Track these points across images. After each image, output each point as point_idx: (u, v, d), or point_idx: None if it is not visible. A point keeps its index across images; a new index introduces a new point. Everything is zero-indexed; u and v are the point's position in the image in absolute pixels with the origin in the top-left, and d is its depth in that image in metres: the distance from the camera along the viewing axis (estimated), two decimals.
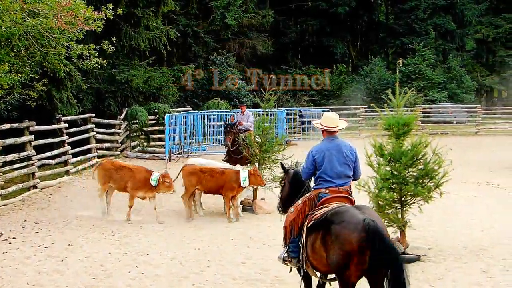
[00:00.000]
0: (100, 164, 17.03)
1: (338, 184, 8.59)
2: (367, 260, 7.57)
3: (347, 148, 8.78)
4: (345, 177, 8.68)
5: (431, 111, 45.23)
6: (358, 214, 7.83)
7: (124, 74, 30.54)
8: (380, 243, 7.53)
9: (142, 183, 16.14)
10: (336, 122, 8.88)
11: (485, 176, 23.12)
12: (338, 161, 8.63)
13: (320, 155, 8.69)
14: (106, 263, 12.17)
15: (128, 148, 30.08)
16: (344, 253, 7.60)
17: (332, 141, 8.82)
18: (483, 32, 58.29)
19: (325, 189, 8.59)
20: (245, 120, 20.23)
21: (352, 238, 7.56)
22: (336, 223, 7.81)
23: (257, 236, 14.41)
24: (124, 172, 16.45)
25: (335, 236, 7.73)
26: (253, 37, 49.29)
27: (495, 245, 13.20)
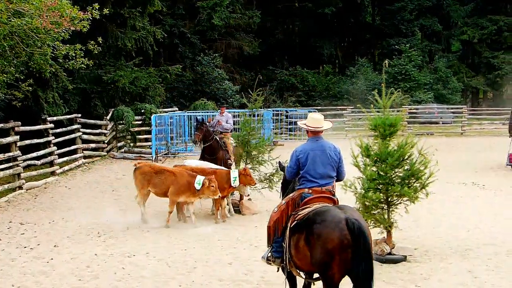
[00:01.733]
0: (138, 168, 16.30)
1: (321, 184, 8.59)
2: (350, 259, 7.63)
3: (331, 148, 8.79)
4: (328, 177, 8.69)
5: (417, 112, 45.43)
6: (340, 213, 7.85)
7: (111, 75, 30.48)
8: (362, 245, 7.61)
9: (185, 187, 15.48)
10: (320, 123, 8.87)
11: (470, 176, 23.21)
12: (321, 161, 8.63)
13: (304, 155, 8.69)
14: (92, 264, 12.11)
15: (114, 148, 30.00)
16: (326, 252, 7.65)
17: (317, 141, 8.81)
18: (468, 33, 58.57)
19: (308, 189, 8.59)
20: (224, 122, 20.03)
21: (333, 236, 7.62)
22: (318, 223, 7.86)
23: (243, 237, 14.39)
24: (165, 175, 15.80)
25: (317, 235, 7.77)
26: (240, 37, 49.35)
27: (481, 245, 13.25)
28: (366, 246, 7.65)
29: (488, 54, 58.25)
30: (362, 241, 7.60)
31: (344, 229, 7.60)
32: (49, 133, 23.21)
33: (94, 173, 24.60)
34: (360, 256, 7.60)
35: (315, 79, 54.64)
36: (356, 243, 7.58)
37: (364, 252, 7.62)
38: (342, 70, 58.30)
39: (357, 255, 7.60)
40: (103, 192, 20.74)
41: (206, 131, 18.68)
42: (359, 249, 7.59)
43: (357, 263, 7.63)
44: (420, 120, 44.85)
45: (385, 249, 12.19)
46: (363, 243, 7.61)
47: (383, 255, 12.12)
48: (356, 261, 7.62)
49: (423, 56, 56.88)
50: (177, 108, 36.49)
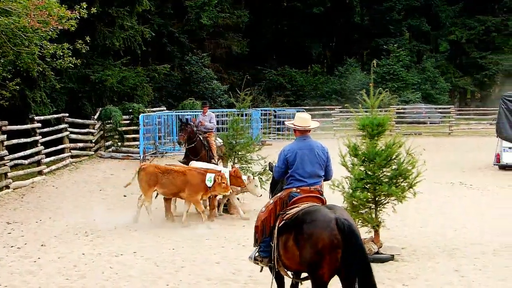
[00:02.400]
0: (142, 169, 15.97)
1: (309, 183, 8.58)
2: (339, 259, 7.60)
3: (319, 148, 8.78)
4: (317, 176, 8.68)
5: (405, 111, 45.57)
6: (330, 213, 7.82)
7: (99, 74, 30.40)
8: (354, 244, 7.61)
9: (198, 186, 15.36)
10: (308, 122, 8.87)
11: (458, 176, 23.29)
12: (309, 160, 8.61)
13: (292, 154, 8.66)
14: (79, 263, 12.07)
15: (102, 148, 29.92)
16: (316, 252, 7.61)
17: (304, 140, 8.80)
18: (456, 33, 58.76)
19: (296, 189, 8.56)
20: (207, 121, 19.98)
21: (324, 236, 7.58)
22: (307, 222, 7.83)
23: (231, 237, 14.39)
24: (174, 175, 15.60)
25: (307, 235, 7.74)
26: (228, 37, 49.33)
27: (468, 244, 13.30)
28: (358, 245, 7.66)
29: (476, 55, 58.46)
30: (354, 241, 7.59)
31: (334, 229, 7.58)
32: (36, 132, 23.11)
33: (82, 172, 24.53)
34: (352, 256, 7.58)
35: (303, 78, 54.69)
36: (346, 243, 7.56)
37: (358, 252, 7.62)
38: (330, 70, 58.35)
39: (348, 255, 7.58)
40: (90, 191, 20.69)
41: (190, 131, 18.66)
42: (350, 249, 7.56)
43: (349, 263, 7.62)
44: (408, 120, 44.98)
45: (373, 248, 12.22)
46: (355, 243, 7.61)
47: (370, 254, 12.12)
48: (347, 261, 7.60)
49: (411, 56, 57.05)
50: (165, 107, 36.41)
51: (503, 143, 24.77)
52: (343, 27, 60.38)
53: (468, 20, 58.84)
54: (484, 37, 58.80)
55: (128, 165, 26.33)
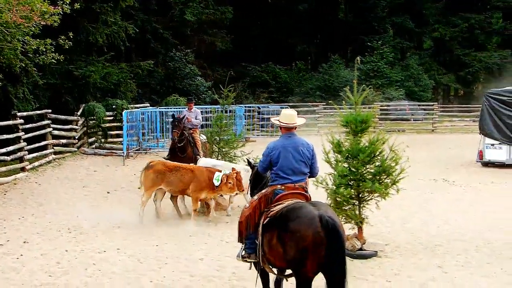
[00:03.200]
0: (150, 167, 15.68)
1: (293, 180, 8.64)
2: (323, 256, 7.65)
3: (304, 145, 8.83)
4: (301, 173, 8.74)
5: (388, 108, 45.69)
6: (314, 210, 7.86)
7: (82, 70, 30.23)
8: (336, 243, 7.69)
9: (205, 183, 15.20)
10: (293, 119, 8.92)
11: (441, 173, 23.39)
12: (294, 158, 8.66)
13: (275, 151, 8.74)
14: (62, 260, 12.03)
15: (85, 144, 29.77)
16: (300, 249, 7.67)
17: (289, 137, 8.86)
18: (440, 31, 58.96)
19: (280, 186, 8.63)
20: (193, 118, 19.93)
21: (308, 234, 7.63)
22: (291, 220, 7.87)
23: (215, 233, 14.38)
24: (182, 173, 15.43)
25: (291, 232, 7.78)
26: (212, 33, 49.25)
27: (451, 241, 13.37)
28: (340, 243, 7.74)
29: (459, 52, 58.70)
30: (336, 239, 7.66)
31: (318, 227, 7.63)
32: (19, 128, 22.95)
33: (65, 169, 24.41)
34: (334, 253, 7.66)
35: (287, 75, 54.75)
36: (330, 241, 7.63)
37: (338, 250, 7.70)
38: (314, 67, 58.42)
39: (331, 253, 7.65)
40: (73, 188, 20.60)
41: (182, 128, 18.65)
42: (333, 247, 7.64)
43: (332, 260, 7.69)
44: (391, 117, 45.12)
45: (356, 244, 12.26)
46: (337, 241, 7.67)
47: (354, 250, 12.17)
48: (331, 258, 7.67)
49: (395, 53, 57.19)
50: (149, 104, 36.27)
51: (486, 140, 24.91)
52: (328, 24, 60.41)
53: (452, 18, 59.05)
54: (468, 35, 59.04)
55: (112, 162, 26.25)
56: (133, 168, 24.63)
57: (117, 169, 24.62)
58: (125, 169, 24.52)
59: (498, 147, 24.69)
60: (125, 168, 24.87)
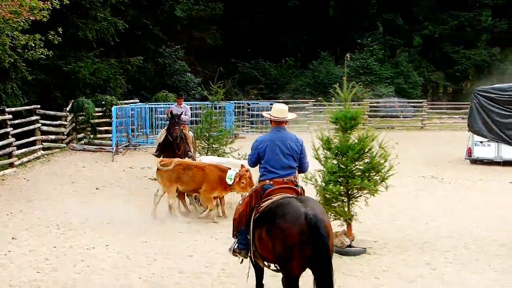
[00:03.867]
0: (162, 166, 15.50)
1: (281, 175, 8.70)
2: (309, 254, 7.71)
3: (293, 139, 8.91)
4: (289, 168, 8.79)
5: (378, 105, 45.77)
6: (300, 207, 7.91)
7: (71, 66, 30.14)
8: (322, 241, 7.71)
9: (217, 183, 14.94)
10: (284, 113, 9.01)
11: (430, 170, 23.45)
12: (281, 152, 8.73)
13: (263, 145, 8.84)
14: (51, 257, 11.98)
15: (74, 140, 29.69)
16: (286, 246, 7.75)
17: (278, 132, 8.96)
18: (430, 28, 59.03)
19: (269, 181, 8.70)
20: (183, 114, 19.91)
21: (293, 231, 7.70)
22: (278, 216, 7.95)
23: (204, 229, 14.37)
24: (193, 172, 15.20)
25: (278, 229, 7.87)
26: (202, 29, 49.14)
27: (439, 238, 13.42)
28: (324, 242, 7.73)
29: (448, 49, 58.77)
30: (321, 238, 7.69)
31: (304, 225, 7.68)
32: (7, 124, 22.85)
33: (54, 165, 24.34)
34: (319, 252, 7.70)
35: (277, 72, 54.73)
36: (315, 239, 7.67)
37: (323, 249, 7.72)
38: (304, 64, 58.31)
39: (317, 251, 7.70)
40: (62, 184, 20.53)
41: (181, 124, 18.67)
42: (318, 245, 7.69)
43: (318, 259, 7.74)
44: (380, 113, 45.20)
45: (345, 241, 12.28)
46: (322, 240, 7.70)
47: (343, 247, 12.20)
48: (317, 257, 7.72)
49: (385, 50, 57.19)
50: (138, 100, 36.17)
51: (474, 137, 24.99)
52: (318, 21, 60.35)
53: (441, 15, 59.12)
54: (457, 32, 59.14)
55: (101, 158, 26.20)
56: (122, 164, 24.62)
57: (106, 165, 24.56)
58: (114, 165, 24.47)
59: (486, 145, 24.78)
60: (114, 164, 24.82)
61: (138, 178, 21.68)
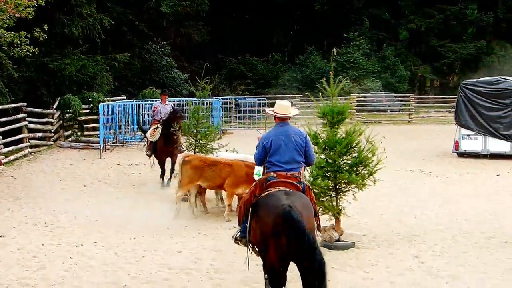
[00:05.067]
0: (188, 161, 15.35)
1: (286, 168, 8.78)
2: (285, 245, 7.83)
3: (297, 133, 9.04)
4: (294, 162, 8.87)
5: (365, 100, 45.82)
6: (283, 199, 8.06)
7: (57, 63, 30.01)
8: (294, 230, 7.77)
9: (243, 178, 14.74)
10: (288, 110, 9.21)
11: (417, 163, 23.52)
12: (286, 146, 8.84)
13: (268, 141, 8.92)
14: (39, 254, 11.95)
15: (61, 137, 29.60)
16: (263, 236, 8.05)
17: (282, 127, 9.10)
18: (416, 22, 59.09)
19: (273, 173, 8.79)
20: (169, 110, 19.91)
21: (268, 221, 7.96)
22: (262, 206, 8.24)
23: (193, 225, 14.37)
24: (220, 168, 15.10)
25: (259, 218, 8.20)
26: (188, 25, 49.01)
27: (427, 231, 13.47)
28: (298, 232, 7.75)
29: (435, 43, 58.84)
30: (293, 229, 7.75)
31: (279, 215, 7.83)
32: None
33: (41, 162, 24.24)
34: (295, 244, 7.77)
35: (264, 67, 54.65)
36: (288, 231, 7.78)
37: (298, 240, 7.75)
38: (291, 59, 58.29)
39: (293, 243, 7.79)
40: (50, 181, 20.46)
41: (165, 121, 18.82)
42: (292, 237, 7.77)
43: (297, 249, 7.81)
44: (368, 108, 45.25)
45: (334, 235, 12.30)
46: (295, 231, 7.75)
47: (331, 241, 12.23)
48: (295, 248, 7.82)
49: (371, 44, 57.22)
50: (125, 96, 36.08)
51: (461, 131, 25.08)
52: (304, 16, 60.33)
53: (427, 9, 59.16)
54: (443, 26, 59.23)
55: (88, 155, 26.11)
56: (110, 161, 24.54)
57: (93, 162, 24.48)
58: (101, 163, 24.40)
59: (473, 138, 24.88)
60: (101, 161, 24.75)
61: (126, 175, 21.65)
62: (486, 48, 58.15)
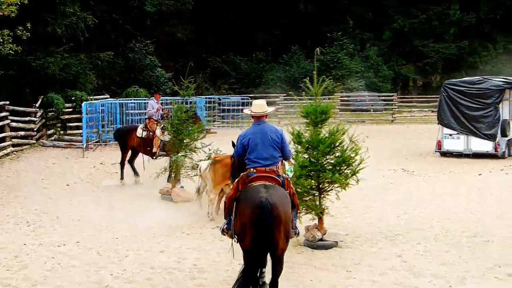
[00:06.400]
0: (219, 161, 14.90)
1: (264, 164, 9.22)
2: (257, 234, 8.52)
3: (273, 131, 9.47)
4: (272, 157, 9.31)
5: (348, 99, 45.95)
6: (262, 193, 8.63)
7: (40, 61, 29.91)
8: (265, 219, 8.41)
9: None
10: (263, 108, 9.60)
11: (400, 163, 23.61)
12: (263, 143, 9.29)
13: (246, 139, 9.39)
14: (21, 254, 11.91)
15: (44, 136, 29.49)
16: (241, 224, 8.72)
17: (258, 125, 9.51)
18: (399, 22, 59.32)
19: (253, 169, 9.21)
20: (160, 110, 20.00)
21: (246, 212, 8.61)
22: (242, 199, 8.85)
23: (175, 225, 14.34)
24: None
25: (238, 210, 8.83)
26: (172, 24, 48.90)
27: (410, 230, 13.52)
28: (267, 221, 8.41)
29: (418, 43, 59.09)
30: (266, 220, 8.40)
31: (255, 207, 8.46)
32: None
33: (23, 161, 24.16)
34: (265, 233, 8.48)
35: (248, 66, 54.61)
36: (261, 221, 8.42)
37: (265, 227, 8.45)
38: (275, 58, 58.28)
39: (264, 232, 8.48)
40: (32, 180, 20.38)
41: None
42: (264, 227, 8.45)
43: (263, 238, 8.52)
44: (351, 107, 45.40)
45: (317, 235, 12.31)
46: (265, 219, 8.39)
47: (314, 241, 12.24)
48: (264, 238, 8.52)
49: (355, 44, 57.37)
50: (109, 95, 35.97)
51: (444, 130, 25.21)
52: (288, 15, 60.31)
53: (411, 9, 59.41)
54: (426, 26, 59.50)
55: (71, 154, 26.03)
56: (93, 160, 24.47)
57: (76, 161, 24.41)
58: (84, 162, 24.33)
59: (456, 137, 25.00)
60: (84, 160, 24.68)
61: (109, 174, 21.59)
62: (469, 48, 58.49)
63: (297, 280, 10.09)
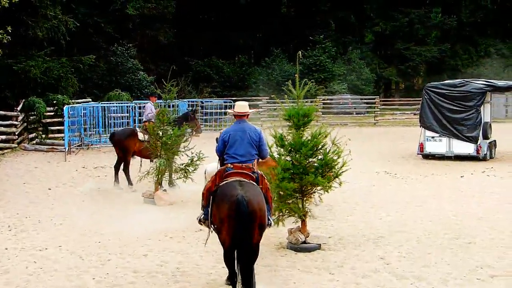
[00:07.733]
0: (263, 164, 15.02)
1: (241, 160, 9.78)
2: (233, 228, 9.00)
3: (252, 130, 10.10)
4: (249, 155, 9.88)
5: (331, 102, 46.10)
6: (237, 189, 9.13)
7: (22, 65, 29.74)
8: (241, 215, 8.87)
9: None
10: (245, 108, 10.27)
11: (383, 165, 23.69)
12: (242, 141, 9.87)
13: (227, 135, 9.99)
14: (2, 258, 11.82)
15: (25, 140, 29.33)
16: (219, 219, 9.19)
17: (239, 124, 10.14)
18: (381, 25, 59.65)
19: (230, 164, 9.77)
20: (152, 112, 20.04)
21: (224, 208, 9.06)
22: (219, 194, 9.31)
23: (158, 228, 14.29)
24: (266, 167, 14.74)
25: (217, 204, 9.28)
26: (154, 27, 48.85)
27: (393, 232, 13.55)
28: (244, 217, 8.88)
29: (400, 46, 59.47)
30: (241, 213, 8.86)
31: (233, 203, 8.93)
32: None
33: (4, 165, 23.99)
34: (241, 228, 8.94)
35: (230, 69, 54.66)
36: (237, 214, 8.88)
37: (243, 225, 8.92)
38: (257, 61, 58.43)
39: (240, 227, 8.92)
40: (14, 185, 20.24)
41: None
42: (240, 222, 8.90)
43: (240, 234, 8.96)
44: (334, 110, 45.55)
45: (300, 238, 12.31)
46: (242, 215, 8.86)
47: (297, 243, 12.24)
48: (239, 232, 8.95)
49: (337, 47, 57.60)
50: (91, 99, 35.83)
51: (426, 133, 25.35)
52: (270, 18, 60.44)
53: (392, 12, 59.76)
54: (408, 29, 59.88)
55: (53, 158, 25.89)
56: (75, 164, 24.35)
57: (58, 165, 24.28)
58: (66, 165, 24.20)
59: (438, 140, 25.15)
60: (66, 164, 24.55)
61: (92, 178, 21.49)
62: (450, 51, 58.99)
63: (280, 283, 10.08)
